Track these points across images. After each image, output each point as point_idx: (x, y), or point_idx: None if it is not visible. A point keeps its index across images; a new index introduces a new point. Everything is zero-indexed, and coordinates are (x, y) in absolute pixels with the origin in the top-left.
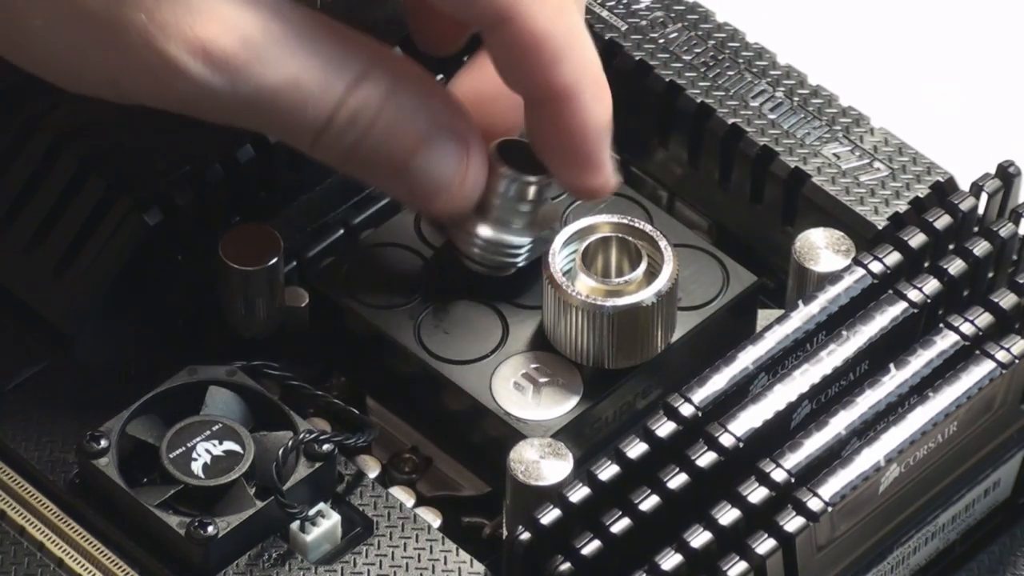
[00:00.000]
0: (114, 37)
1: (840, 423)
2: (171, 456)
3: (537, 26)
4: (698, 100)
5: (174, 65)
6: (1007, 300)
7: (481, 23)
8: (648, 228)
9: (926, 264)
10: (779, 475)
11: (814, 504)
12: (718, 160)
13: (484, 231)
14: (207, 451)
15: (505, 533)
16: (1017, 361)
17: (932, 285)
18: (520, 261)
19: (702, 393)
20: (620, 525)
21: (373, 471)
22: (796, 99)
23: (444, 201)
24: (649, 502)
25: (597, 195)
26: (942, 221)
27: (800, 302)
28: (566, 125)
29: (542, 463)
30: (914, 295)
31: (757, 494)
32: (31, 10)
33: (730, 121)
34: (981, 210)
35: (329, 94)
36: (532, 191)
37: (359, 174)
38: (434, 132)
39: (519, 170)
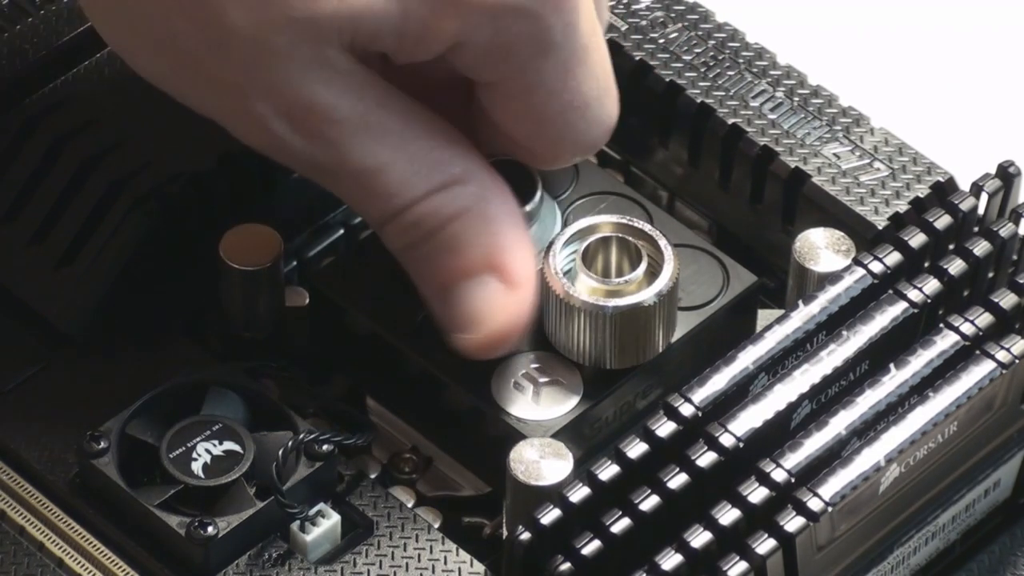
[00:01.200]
0: (208, 80)
1: (840, 423)
2: (171, 456)
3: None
4: (698, 100)
5: (260, 122)
6: (1007, 300)
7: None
8: (648, 228)
9: (926, 264)
10: (779, 475)
11: (814, 504)
12: (718, 160)
13: None
14: (207, 451)
15: (505, 533)
16: (1017, 361)
17: (932, 285)
18: None
19: (702, 393)
20: (620, 525)
21: (373, 471)
22: (796, 99)
23: (467, 338)
24: (649, 502)
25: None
26: (942, 221)
27: (800, 302)
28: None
29: (542, 463)
30: (914, 295)
31: (757, 494)
32: (134, 30)
33: (730, 121)
34: (981, 210)
35: (407, 192)
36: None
37: (411, 274)
38: (487, 267)
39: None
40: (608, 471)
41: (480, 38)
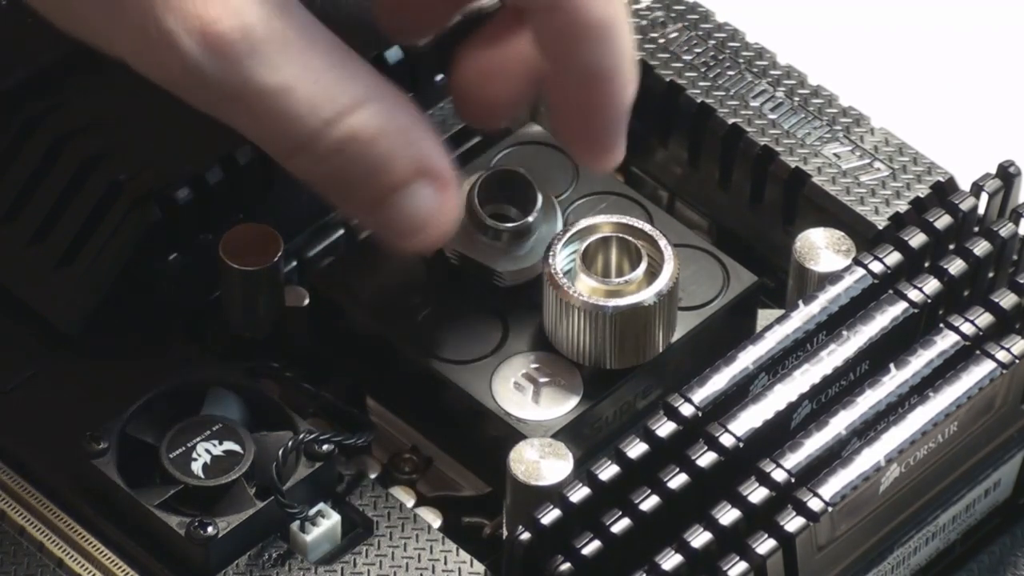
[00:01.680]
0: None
1: (840, 423)
2: (171, 456)
3: (591, 12)
4: (698, 100)
5: (169, 39)
6: (1007, 300)
7: (535, 4)
8: (648, 228)
9: (926, 264)
10: (779, 475)
11: (814, 504)
12: (718, 160)
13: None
14: (207, 451)
15: (505, 533)
16: (1017, 361)
17: (932, 285)
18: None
19: (702, 393)
20: (620, 525)
21: (373, 471)
22: (796, 99)
23: (415, 241)
24: (649, 502)
25: (606, 169)
26: (942, 221)
27: (800, 302)
28: (597, 104)
29: (542, 463)
30: (914, 295)
31: (757, 494)
32: None
33: (730, 121)
34: (981, 210)
35: (317, 112)
36: (506, 236)
37: (330, 197)
38: (416, 175)
39: (507, 203)
40: (608, 471)
41: None
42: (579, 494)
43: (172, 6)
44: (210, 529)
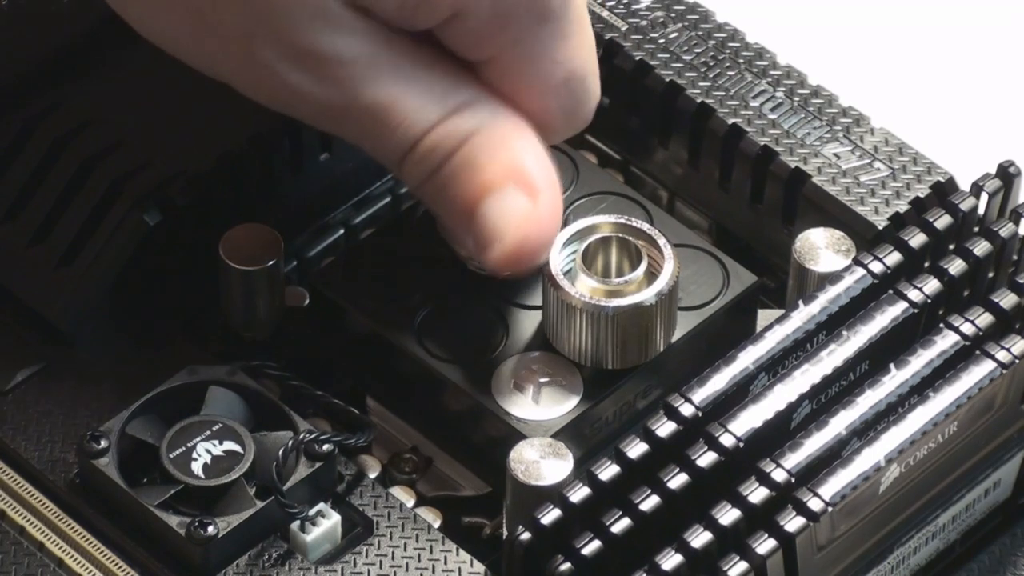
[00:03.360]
0: (213, 29)
1: (840, 423)
2: (171, 456)
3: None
4: (698, 100)
5: (270, 69)
6: (1007, 300)
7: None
8: (648, 228)
9: (926, 264)
10: (779, 475)
11: (814, 504)
12: (718, 160)
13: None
14: (207, 451)
15: (505, 533)
16: (1017, 361)
17: (932, 285)
18: None
19: (702, 393)
20: (620, 525)
21: (373, 471)
22: (796, 99)
23: (497, 253)
24: (649, 502)
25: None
26: (942, 221)
27: (800, 302)
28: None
29: (542, 463)
30: (914, 295)
31: (757, 494)
32: None
33: (730, 121)
34: (981, 210)
35: (419, 121)
36: None
37: (436, 208)
38: (508, 179)
39: None
40: (608, 471)
41: (481, 7)
42: (579, 494)
43: (269, 37)
44: (210, 529)
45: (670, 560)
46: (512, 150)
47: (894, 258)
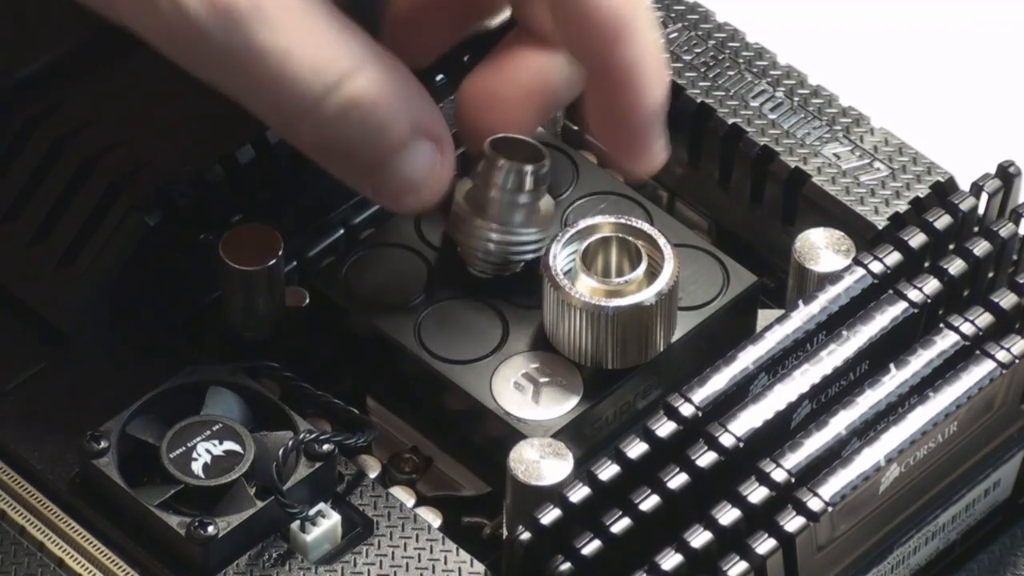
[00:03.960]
0: None
1: (840, 423)
2: (171, 456)
3: (604, 9)
4: (698, 100)
5: (175, 3)
6: (1007, 300)
7: None
8: (648, 228)
9: (926, 264)
10: (779, 475)
11: (814, 504)
12: (718, 160)
13: (487, 230)
14: (207, 451)
15: (505, 533)
16: (1017, 361)
17: (932, 285)
18: (523, 258)
19: (702, 393)
20: (620, 525)
21: (373, 471)
22: (796, 99)
23: (410, 202)
24: (649, 502)
25: (644, 172)
26: (942, 221)
27: (800, 302)
28: (621, 103)
29: (542, 463)
30: (914, 295)
31: (757, 494)
32: None
33: (730, 121)
34: (981, 210)
35: (320, 77)
36: (529, 180)
37: (330, 165)
38: (415, 134)
39: (520, 161)
40: (608, 471)
41: None
42: (579, 494)
43: None
44: (210, 529)
45: (670, 560)
46: (416, 102)
47: (894, 258)
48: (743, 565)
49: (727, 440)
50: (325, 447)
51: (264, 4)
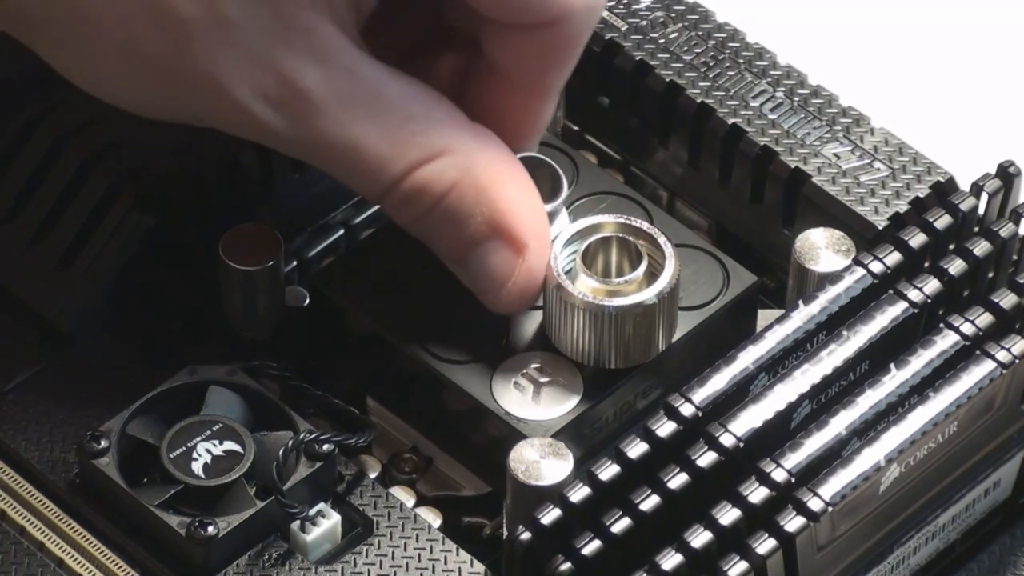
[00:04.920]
0: (183, 85)
1: (840, 423)
2: (171, 456)
3: (582, 33)
4: (698, 100)
5: (242, 109)
6: (1007, 300)
7: (537, 20)
8: (648, 227)
9: (926, 264)
10: (779, 475)
11: (814, 504)
12: (718, 160)
13: None
14: (207, 451)
15: (505, 533)
16: (1017, 361)
17: (932, 285)
18: None
19: (702, 393)
20: (620, 525)
21: (373, 471)
22: (796, 99)
23: (494, 299)
24: (649, 502)
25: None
26: (942, 221)
27: (800, 302)
28: (525, 112)
29: (542, 463)
30: (914, 295)
31: (757, 494)
32: (100, 59)
33: (730, 121)
34: (981, 210)
35: (387, 169)
36: (562, 216)
37: (426, 243)
38: (489, 234)
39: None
40: (608, 471)
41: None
42: (579, 494)
43: (238, 80)
44: (210, 529)
45: (670, 560)
46: (495, 201)
47: (894, 258)
48: (743, 565)
49: (727, 440)
50: (325, 447)
51: (324, 101)
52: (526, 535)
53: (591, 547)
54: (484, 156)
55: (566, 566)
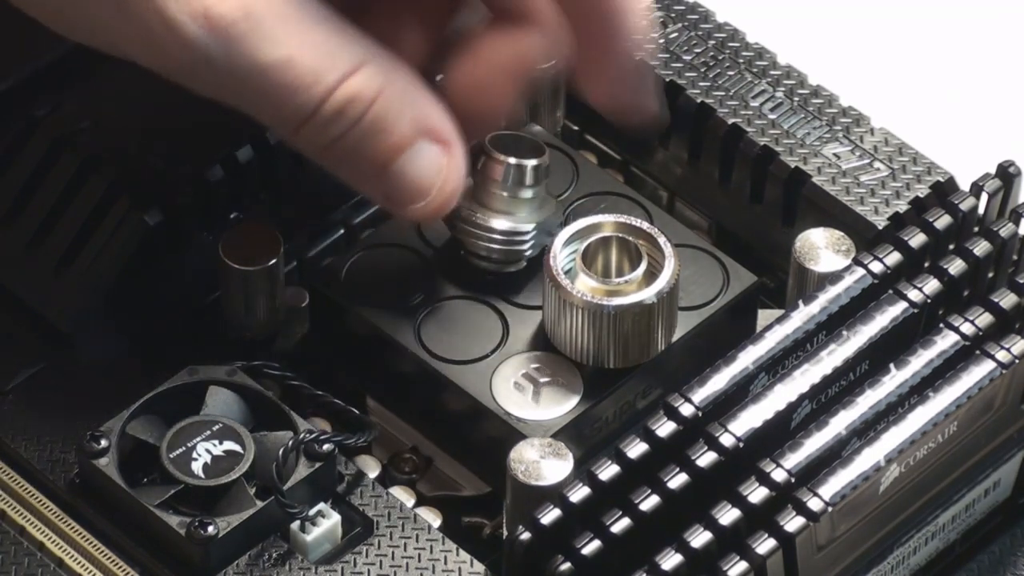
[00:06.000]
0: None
1: (840, 423)
2: (171, 456)
3: None
4: (698, 100)
5: (173, 26)
6: (1007, 300)
7: None
8: (648, 227)
9: (926, 264)
10: (779, 475)
11: (814, 504)
12: (718, 160)
13: (491, 222)
14: (207, 451)
15: (505, 533)
16: (1017, 361)
17: (932, 285)
18: (528, 250)
19: (702, 393)
20: (620, 525)
21: (373, 471)
22: (796, 99)
23: (420, 207)
24: (649, 502)
25: (640, 117)
26: (942, 221)
27: (800, 302)
28: (613, 47)
29: (542, 463)
30: (914, 295)
31: (757, 494)
32: None
33: (730, 121)
34: (981, 210)
35: (321, 81)
36: (531, 174)
37: (338, 170)
38: (418, 135)
39: (518, 156)
40: (608, 471)
41: None
42: (579, 494)
43: None
44: (210, 529)
45: (670, 560)
46: (417, 102)
47: (894, 258)
48: (743, 565)
49: (727, 440)
50: (325, 447)
51: (261, 17)
52: (526, 535)
53: (591, 547)
54: (399, 65)
55: (566, 566)
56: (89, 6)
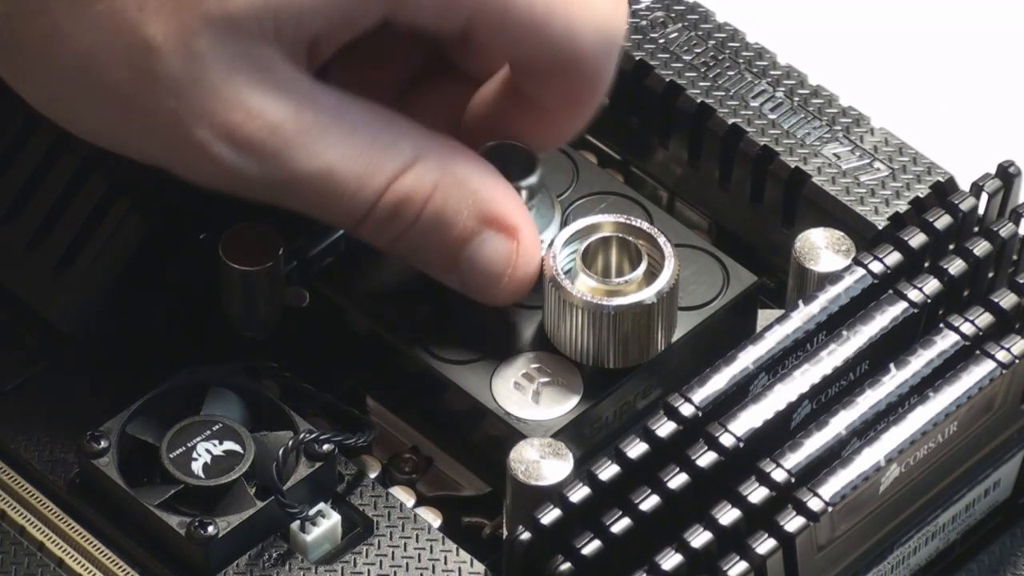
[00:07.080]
0: (143, 117)
1: (840, 423)
2: (171, 456)
3: (599, 72)
4: (698, 100)
5: (202, 148)
6: (1007, 300)
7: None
8: (648, 227)
9: (926, 264)
10: (779, 475)
11: (814, 504)
12: (718, 160)
13: None
14: (207, 451)
15: (505, 533)
16: (1017, 361)
17: (932, 285)
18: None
19: (702, 393)
20: (620, 525)
21: (373, 471)
22: (796, 99)
23: (496, 293)
24: (649, 502)
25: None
26: (942, 221)
27: (800, 302)
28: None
29: (542, 463)
30: (914, 295)
31: (757, 494)
32: (61, 80)
33: (730, 121)
34: (981, 210)
35: (367, 186)
36: (524, 197)
37: (411, 263)
38: (481, 225)
39: (509, 174)
40: (608, 471)
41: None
42: (579, 494)
43: (199, 118)
44: (210, 529)
45: (670, 560)
46: (478, 192)
47: (894, 258)
48: (743, 565)
49: (727, 440)
50: (325, 447)
51: (288, 131)
52: (526, 535)
53: (591, 547)
54: (454, 155)
55: (566, 566)
56: (120, 125)
